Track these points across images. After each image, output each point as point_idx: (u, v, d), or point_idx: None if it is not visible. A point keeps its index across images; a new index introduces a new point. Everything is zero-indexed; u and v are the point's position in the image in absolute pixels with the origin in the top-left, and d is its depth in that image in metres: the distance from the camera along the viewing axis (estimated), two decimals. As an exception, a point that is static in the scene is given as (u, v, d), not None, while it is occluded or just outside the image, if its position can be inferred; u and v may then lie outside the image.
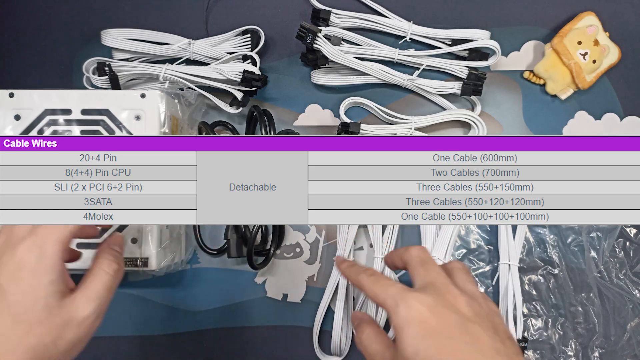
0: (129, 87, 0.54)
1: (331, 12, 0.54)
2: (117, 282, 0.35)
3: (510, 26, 0.56)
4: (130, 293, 0.54)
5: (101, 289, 0.33)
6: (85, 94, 0.48)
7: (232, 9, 0.57)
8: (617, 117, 0.55)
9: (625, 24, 0.56)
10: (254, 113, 0.52)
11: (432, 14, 0.56)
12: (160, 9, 0.57)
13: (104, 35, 0.53)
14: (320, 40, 0.51)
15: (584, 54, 0.53)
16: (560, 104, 0.56)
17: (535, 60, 0.56)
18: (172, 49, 0.54)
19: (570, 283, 0.53)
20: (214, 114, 0.56)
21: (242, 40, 0.55)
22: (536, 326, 0.53)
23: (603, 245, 0.53)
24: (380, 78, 0.54)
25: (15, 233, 0.32)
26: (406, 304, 0.31)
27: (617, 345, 0.52)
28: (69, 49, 0.57)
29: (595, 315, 0.52)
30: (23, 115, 0.48)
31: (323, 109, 0.56)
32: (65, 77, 0.56)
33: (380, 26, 0.55)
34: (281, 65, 0.57)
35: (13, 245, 0.31)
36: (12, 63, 0.57)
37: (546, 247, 0.53)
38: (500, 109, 0.56)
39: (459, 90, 0.53)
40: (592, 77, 0.55)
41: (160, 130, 0.48)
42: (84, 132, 0.48)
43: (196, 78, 0.52)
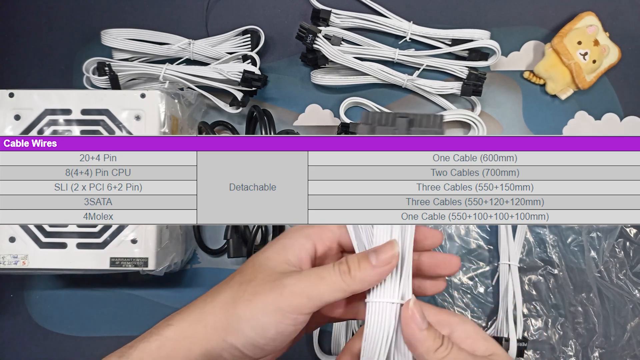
0: (129, 87, 0.54)
1: (331, 12, 0.54)
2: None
3: (510, 26, 0.56)
4: (130, 293, 0.54)
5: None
6: (85, 94, 0.48)
7: (232, 9, 0.57)
8: (617, 117, 0.55)
9: (625, 24, 0.56)
10: (254, 113, 0.52)
11: (432, 14, 0.56)
12: (160, 9, 0.57)
13: (104, 35, 0.53)
14: (320, 41, 0.51)
15: (584, 54, 0.53)
16: (560, 104, 0.56)
17: (535, 61, 0.56)
18: (172, 49, 0.53)
19: (570, 283, 0.53)
20: (214, 114, 0.56)
21: (242, 40, 0.55)
22: (536, 326, 0.52)
23: (603, 245, 0.53)
24: (380, 78, 0.54)
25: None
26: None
27: (617, 345, 0.52)
28: (69, 49, 0.57)
29: (595, 315, 0.52)
30: (23, 115, 0.48)
31: (323, 109, 0.56)
32: (65, 77, 0.56)
33: (380, 26, 0.55)
34: (281, 66, 0.56)
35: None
36: (12, 63, 0.57)
37: (546, 247, 0.53)
38: (501, 109, 0.56)
39: (459, 91, 0.53)
40: (592, 77, 0.55)
41: (160, 130, 0.48)
42: (84, 132, 0.48)
43: (196, 78, 0.52)
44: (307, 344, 0.52)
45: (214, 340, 0.29)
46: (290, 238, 0.32)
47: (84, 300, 0.54)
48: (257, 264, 0.31)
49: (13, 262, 0.47)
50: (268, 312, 0.28)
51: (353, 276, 0.29)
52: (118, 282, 0.54)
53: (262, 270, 0.31)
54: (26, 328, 0.54)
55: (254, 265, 0.31)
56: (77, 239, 0.47)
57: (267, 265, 0.31)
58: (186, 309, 0.31)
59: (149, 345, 0.29)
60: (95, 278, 0.54)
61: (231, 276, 0.32)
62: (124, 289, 0.54)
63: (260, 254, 0.32)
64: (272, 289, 0.29)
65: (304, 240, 0.32)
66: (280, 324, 0.29)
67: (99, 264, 0.47)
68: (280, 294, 0.29)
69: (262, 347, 0.29)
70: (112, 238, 0.47)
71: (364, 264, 0.29)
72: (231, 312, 0.29)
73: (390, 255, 0.29)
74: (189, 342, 0.29)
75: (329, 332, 0.51)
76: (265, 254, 0.32)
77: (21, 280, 0.55)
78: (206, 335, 0.29)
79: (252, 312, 0.29)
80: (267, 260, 0.31)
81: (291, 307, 0.28)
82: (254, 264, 0.32)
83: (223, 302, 0.30)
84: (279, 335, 0.29)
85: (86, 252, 0.47)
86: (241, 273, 0.31)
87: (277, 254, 0.31)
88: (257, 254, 0.32)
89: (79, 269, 0.47)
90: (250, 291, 0.29)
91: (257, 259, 0.32)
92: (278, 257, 0.31)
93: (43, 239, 0.47)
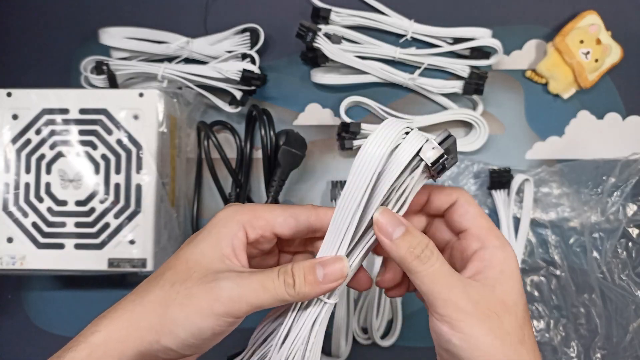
0: (127, 86, 0.54)
1: (331, 11, 0.53)
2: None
3: (512, 25, 0.56)
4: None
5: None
6: (83, 93, 0.48)
7: (231, 7, 0.57)
8: (619, 117, 0.55)
9: (627, 22, 0.56)
10: (253, 112, 0.51)
11: (433, 13, 0.56)
12: (158, 8, 0.57)
13: (102, 33, 0.53)
14: (320, 39, 0.51)
15: (586, 53, 0.53)
16: (563, 103, 0.55)
17: (537, 59, 0.55)
18: (170, 47, 0.53)
19: (572, 284, 0.52)
20: (213, 113, 0.55)
21: (242, 38, 0.54)
22: (538, 327, 0.52)
23: (605, 245, 0.52)
24: (380, 77, 0.53)
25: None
26: (512, 252, 0.30)
27: (620, 346, 0.51)
28: (67, 47, 0.56)
29: (598, 316, 0.52)
30: (21, 114, 0.47)
31: (323, 108, 0.55)
32: (63, 76, 0.56)
33: (381, 24, 0.54)
34: (281, 64, 0.56)
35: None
36: (9, 62, 0.57)
37: (548, 248, 0.53)
38: (502, 109, 0.55)
39: (460, 90, 0.53)
40: (594, 77, 0.54)
41: (158, 130, 0.47)
42: (81, 131, 0.47)
43: (195, 77, 0.52)
44: (307, 345, 0.52)
45: (147, 342, 0.28)
46: (223, 226, 0.30)
47: (82, 301, 0.54)
48: (191, 260, 0.29)
49: (11, 263, 0.47)
50: (204, 317, 0.28)
51: (297, 292, 0.28)
52: (116, 283, 0.54)
53: (197, 268, 0.29)
54: (24, 329, 0.54)
55: (187, 262, 0.29)
56: (75, 240, 0.47)
57: (202, 262, 0.29)
58: (113, 311, 0.29)
59: (78, 355, 0.27)
60: (93, 279, 0.53)
61: (160, 272, 0.30)
62: (122, 290, 0.53)
63: (194, 247, 0.30)
64: (208, 292, 0.28)
65: (237, 228, 0.30)
66: (217, 327, 0.28)
67: (97, 264, 0.46)
68: (216, 299, 0.27)
69: (198, 346, 0.29)
70: (110, 239, 0.47)
71: (310, 279, 0.28)
72: (164, 314, 0.28)
73: (339, 274, 0.28)
74: (121, 346, 0.27)
75: (329, 333, 0.51)
76: (199, 249, 0.30)
77: (19, 281, 0.54)
78: (139, 337, 0.28)
79: (187, 316, 0.28)
80: (202, 257, 0.30)
81: (229, 313, 0.28)
82: (187, 260, 0.30)
83: (155, 303, 0.28)
84: (215, 336, 0.29)
85: (84, 253, 0.47)
86: (173, 270, 0.29)
87: (211, 248, 0.30)
88: (190, 247, 0.30)
89: (76, 270, 0.47)
90: (184, 293, 0.28)
91: (190, 254, 0.30)
92: (213, 252, 0.30)
93: (41, 239, 0.47)
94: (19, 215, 0.47)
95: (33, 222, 0.47)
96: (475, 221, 0.31)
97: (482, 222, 0.31)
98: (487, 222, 0.31)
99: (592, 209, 0.53)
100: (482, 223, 0.31)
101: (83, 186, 0.47)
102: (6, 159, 0.47)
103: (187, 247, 0.30)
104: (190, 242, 0.31)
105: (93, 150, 0.47)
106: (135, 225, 0.47)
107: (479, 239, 0.30)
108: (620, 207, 0.52)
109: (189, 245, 0.31)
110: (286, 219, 0.31)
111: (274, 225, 0.31)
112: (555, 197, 0.53)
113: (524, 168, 0.54)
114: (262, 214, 0.31)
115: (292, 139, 0.50)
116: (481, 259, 0.29)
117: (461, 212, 0.31)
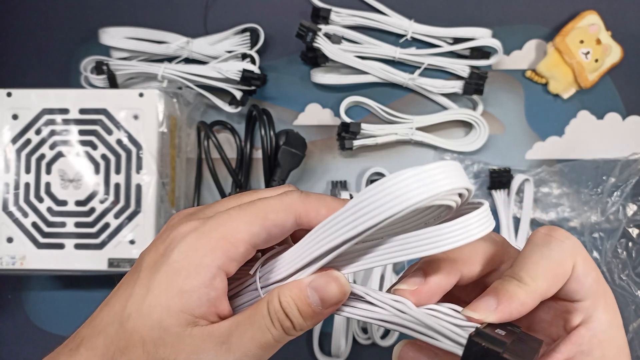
0: (127, 86, 0.54)
1: (331, 11, 0.53)
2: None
3: (512, 25, 0.56)
4: (129, 294, 0.54)
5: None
6: (83, 93, 0.48)
7: (231, 7, 0.56)
8: (619, 117, 0.55)
9: (627, 22, 0.56)
10: (253, 112, 0.51)
11: (433, 13, 0.56)
12: (158, 7, 0.57)
13: (102, 33, 0.53)
14: (320, 39, 0.51)
15: (586, 53, 0.53)
16: (563, 103, 0.55)
17: (537, 59, 0.55)
18: (170, 47, 0.53)
19: (572, 284, 0.52)
20: (213, 113, 0.55)
21: (242, 38, 0.54)
22: (538, 327, 0.52)
23: (605, 245, 0.52)
24: (380, 77, 0.53)
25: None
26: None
27: (620, 346, 0.51)
28: (67, 47, 0.56)
29: (598, 316, 0.52)
30: (20, 114, 0.47)
31: (323, 108, 0.55)
32: (63, 76, 0.56)
33: (381, 24, 0.54)
34: (281, 64, 0.56)
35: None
36: (9, 62, 0.57)
37: (548, 248, 0.53)
38: (502, 109, 0.55)
39: (460, 90, 0.53)
40: (594, 77, 0.54)
41: (158, 130, 0.47)
42: (81, 131, 0.47)
43: (195, 77, 0.52)
44: (307, 346, 0.52)
45: None
46: (189, 277, 0.22)
47: (82, 301, 0.54)
48: (144, 332, 0.22)
49: (11, 263, 0.47)
50: None
51: (301, 329, 0.24)
52: (116, 283, 0.53)
53: (154, 342, 0.22)
54: (24, 329, 0.54)
55: (137, 334, 0.22)
56: (75, 240, 0.47)
57: (163, 337, 0.22)
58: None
59: None
60: (93, 279, 0.53)
61: (89, 333, 0.24)
62: (123, 290, 0.53)
63: (145, 310, 0.22)
64: None
65: (211, 276, 0.22)
66: None
67: (97, 264, 0.46)
68: None
69: None
70: (110, 239, 0.47)
71: (306, 311, 0.23)
72: None
73: (339, 296, 0.24)
74: None
75: (329, 333, 0.51)
76: (156, 314, 0.22)
77: (19, 281, 0.54)
78: None
79: None
80: (159, 328, 0.22)
81: None
82: (137, 331, 0.22)
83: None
84: None
85: (84, 253, 0.47)
86: (105, 334, 0.23)
87: (174, 313, 0.22)
88: (138, 307, 0.22)
89: (76, 270, 0.47)
90: None
91: (140, 322, 0.22)
92: (177, 319, 0.22)
93: (41, 239, 0.47)
94: (19, 215, 0.47)
95: (33, 222, 0.47)
96: (589, 291, 0.23)
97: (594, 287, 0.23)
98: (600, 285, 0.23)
99: (592, 209, 0.53)
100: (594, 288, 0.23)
101: (83, 186, 0.47)
102: (6, 159, 0.47)
103: (132, 309, 0.22)
104: (135, 300, 0.22)
105: (93, 150, 0.47)
106: (135, 225, 0.47)
107: (584, 310, 0.23)
108: (620, 207, 0.52)
109: (134, 303, 0.22)
110: (269, 230, 0.23)
111: (256, 244, 0.23)
112: (555, 197, 0.53)
113: (524, 168, 0.54)
114: (238, 236, 0.22)
115: (292, 139, 0.50)
116: (579, 341, 0.22)
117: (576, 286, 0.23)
